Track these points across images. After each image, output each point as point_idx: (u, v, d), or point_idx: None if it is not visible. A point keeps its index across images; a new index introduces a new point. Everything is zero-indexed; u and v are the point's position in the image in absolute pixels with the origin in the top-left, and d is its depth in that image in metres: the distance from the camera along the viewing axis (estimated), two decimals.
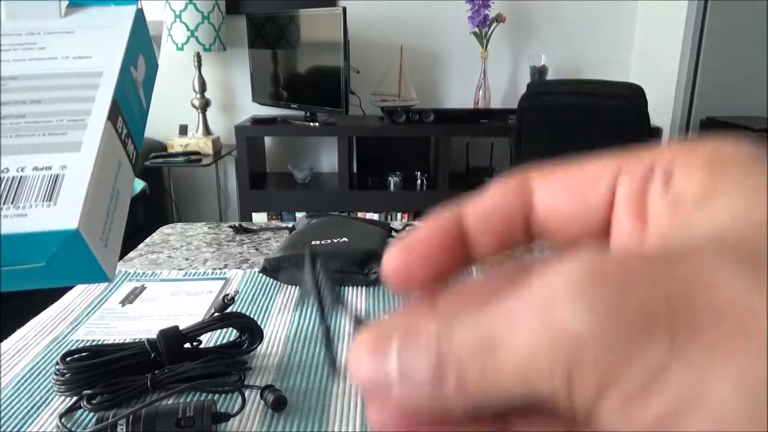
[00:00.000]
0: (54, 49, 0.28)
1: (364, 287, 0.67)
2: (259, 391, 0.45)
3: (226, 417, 0.42)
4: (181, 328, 0.48)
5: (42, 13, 0.30)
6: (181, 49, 2.64)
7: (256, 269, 0.73)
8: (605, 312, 0.10)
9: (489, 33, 2.75)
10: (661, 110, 2.56)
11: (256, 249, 0.83)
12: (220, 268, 0.75)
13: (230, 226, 0.91)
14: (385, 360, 0.13)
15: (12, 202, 0.21)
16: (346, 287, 0.67)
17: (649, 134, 1.82)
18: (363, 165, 2.95)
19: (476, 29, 2.72)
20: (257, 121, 2.76)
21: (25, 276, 0.21)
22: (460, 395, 0.12)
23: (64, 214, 0.21)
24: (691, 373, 0.09)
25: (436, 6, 2.86)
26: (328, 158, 3.08)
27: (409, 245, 0.16)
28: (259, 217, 2.80)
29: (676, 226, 0.12)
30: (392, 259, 0.15)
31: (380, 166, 2.90)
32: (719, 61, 2.37)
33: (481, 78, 2.80)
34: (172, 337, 0.47)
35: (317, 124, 2.69)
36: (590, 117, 1.87)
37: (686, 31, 2.40)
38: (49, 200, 0.22)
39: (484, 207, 0.16)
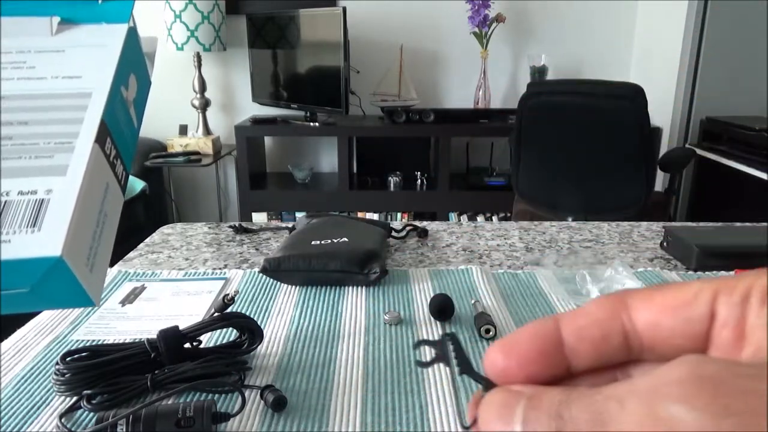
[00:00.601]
0: (44, 69, 0.28)
1: (364, 287, 0.67)
2: (259, 391, 0.45)
3: (226, 417, 0.42)
4: (181, 328, 0.48)
5: (33, 30, 0.30)
6: (181, 49, 2.64)
7: (256, 269, 0.73)
8: (706, 412, 0.12)
9: (489, 33, 2.75)
10: (661, 110, 2.56)
11: (256, 249, 0.83)
12: (220, 268, 0.75)
13: (230, 226, 0.91)
14: (511, 421, 0.15)
15: None
16: (346, 287, 0.67)
17: (649, 134, 1.82)
18: (363, 165, 2.95)
19: (476, 29, 2.72)
20: (257, 121, 2.76)
21: (8, 301, 0.21)
22: None
23: (48, 241, 0.21)
24: None
25: (436, 6, 2.86)
26: (328, 158, 3.08)
27: (510, 346, 0.17)
28: (259, 217, 2.80)
29: None
30: (493, 359, 0.17)
31: (380, 166, 2.90)
32: (719, 61, 2.37)
33: (481, 78, 2.80)
34: (172, 337, 0.47)
35: (317, 124, 2.69)
36: (590, 117, 1.87)
37: (686, 31, 2.40)
38: (34, 226, 0.21)
39: (584, 319, 0.17)
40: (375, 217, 2.71)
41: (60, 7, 0.31)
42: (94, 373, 0.44)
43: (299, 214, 2.71)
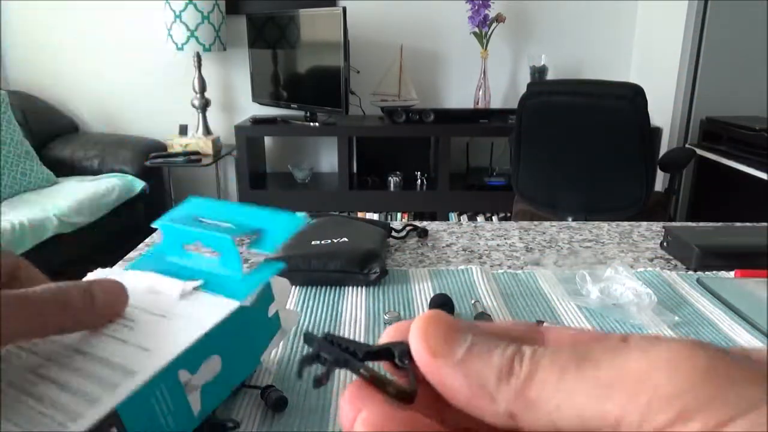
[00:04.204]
0: (132, 333, 0.26)
1: (364, 287, 0.67)
2: (260, 391, 0.45)
3: (226, 418, 0.42)
4: None
5: (166, 292, 0.29)
6: (181, 49, 2.64)
7: None
8: (699, 376, 0.13)
9: (489, 33, 2.75)
10: (661, 110, 2.56)
11: None
12: None
13: None
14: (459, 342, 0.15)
15: None
16: (346, 287, 0.67)
17: (650, 134, 1.82)
18: (363, 165, 2.95)
19: (476, 29, 2.72)
20: (257, 121, 2.76)
21: None
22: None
23: None
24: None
25: (436, 6, 2.86)
26: (328, 158, 3.08)
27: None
28: None
29: None
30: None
31: (380, 166, 2.90)
32: (719, 61, 2.37)
33: (481, 78, 2.81)
34: None
35: (317, 124, 2.69)
36: (590, 117, 1.87)
37: (686, 31, 2.40)
38: None
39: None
40: (375, 217, 2.71)
41: (205, 273, 0.29)
42: None
43: (299, 215, 2.71)
